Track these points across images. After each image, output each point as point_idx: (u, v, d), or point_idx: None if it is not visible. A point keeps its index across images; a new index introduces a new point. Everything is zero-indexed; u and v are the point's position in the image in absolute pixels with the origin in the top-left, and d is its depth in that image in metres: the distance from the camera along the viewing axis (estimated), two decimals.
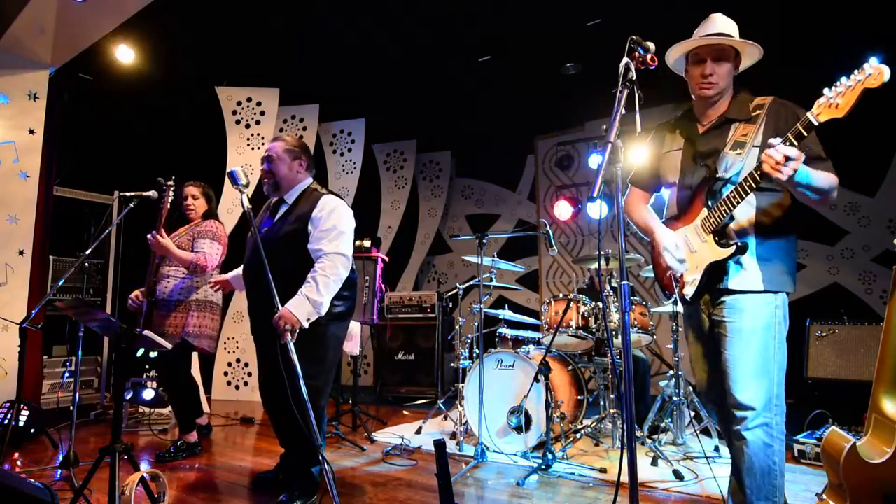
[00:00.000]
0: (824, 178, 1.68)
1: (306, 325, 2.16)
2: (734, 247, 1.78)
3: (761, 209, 1.82)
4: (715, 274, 1.85)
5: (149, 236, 3.05)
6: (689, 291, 1.92)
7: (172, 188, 3.07)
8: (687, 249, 1.93)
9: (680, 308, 2.02)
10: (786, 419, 1.82)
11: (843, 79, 1.49)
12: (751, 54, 1.91)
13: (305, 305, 2.17)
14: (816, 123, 1.54)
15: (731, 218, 1.81)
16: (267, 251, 2.09)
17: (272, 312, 2.12)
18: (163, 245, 3.04)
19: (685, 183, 1.95)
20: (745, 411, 1.77)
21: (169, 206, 3.07)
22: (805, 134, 1.56)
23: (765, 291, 1.80)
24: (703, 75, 1.86)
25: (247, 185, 2.22)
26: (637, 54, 1.62)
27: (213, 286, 2.94)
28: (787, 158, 1.54)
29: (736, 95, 1.90)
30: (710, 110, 1.93)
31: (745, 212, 1.82)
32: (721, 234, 1.82)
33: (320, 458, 1.82)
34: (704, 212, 1.86)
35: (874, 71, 1.43)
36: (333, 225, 2.32)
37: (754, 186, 1.69)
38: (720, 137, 1.87)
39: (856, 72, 1.47)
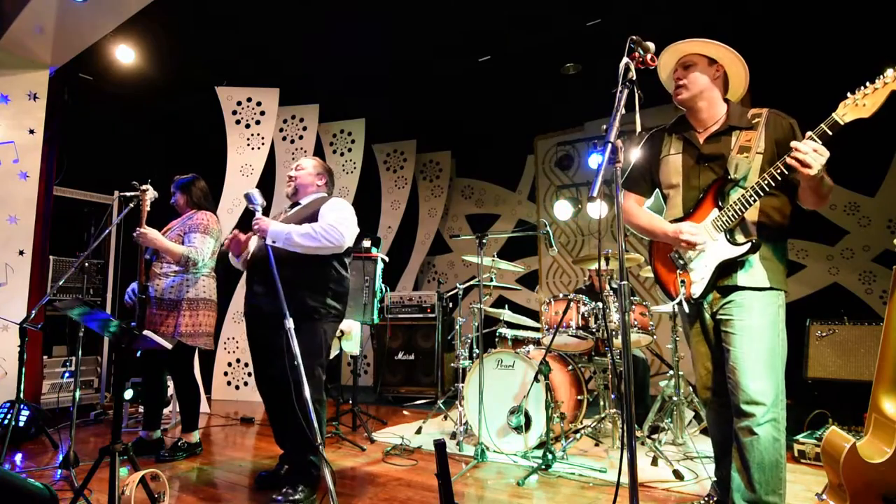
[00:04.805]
0: (828, 180, 1.77)
1: (269, 240, 2.33)
2: (748, 244, 1.86)
3: (764, 211, 1.91)
4: (724, 272, 1.92)
5: (134, 233, 2.99)
6: (696, 290, 1.99)
7: (147, 190, 3.02)
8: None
9: (686, 308, 2.07)
10: (786, 419, 1.84)
11: (868, 82, 1.59)
12: (729, 60, 1.98)
13: (282, 230, 2.37)
14: (842, 123, 1.63)
15: (743, 218, 1.89)
16: (277, 248, 2.30)
17: (274, 305, 2.17)
18: (151, 237, 2.99)
19: (692, 184, 2.03)
20: (757, 407, 1.82)
21: (149, 206, 3.03)
22: (830, 133, 1.64)
23: (770, 289, 1.87)
24: (675, 80, 2.03)
25: (262, 206, 2.39)
26: (637, 54, 1.63)
27: (230, 242, 2.71)
28: (817, 154, 1.63)
29: (731, 107, 2.01)
30: (703, 117, 2.03)
31: (750, 213, 1.90)
32: (733, 233, 1.91)
33: (321, 457, 1.83)
34: (715, 212, 1.93)
35: None
36: (339, 211, 2.53)
37: (773, 185, 1.77)
38: (724, 144, 1.96)
39: (882, 75, 1.58)
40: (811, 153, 1.63)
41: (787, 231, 1.95)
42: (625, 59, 1.60)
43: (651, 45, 1.69)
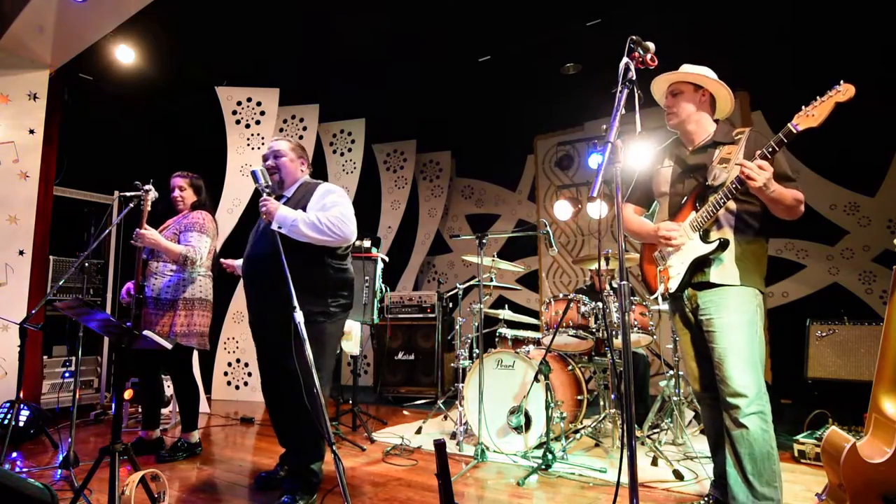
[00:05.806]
0: (789, 193, 1.93)
1: (274, 225, 2.21)
2: (717, 242, 2.03)
3: (739, 214, 2.07)
4: (697, 268, 2.10)
5: (134, 233, 2.96)
6: (672, 285, 2.17)
7: (150, 191, 2.98)
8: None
9: (663, 306, 2.20)
10: (786, 419, 1.87)
11: (818, 96, 1.80)
12: (713, 86, 2.17)
13: (289, 216, 2.23)
14: (796, 132, 1.82)
15: (716, 219, 2.06)
16: (268, 245, 2.16)
17: (275, 305, 2.15)
18: (150, 238, 2.97)
19: (676, 191, 2.22)
20: (741, 399, 1.93)
21: (150, 206, 3.01)
22: (785, 140, 1.83)
23: (742, 285, 2.01)
24: (665, 107, 2.26)
25: (268, 186, 2.30)
26: (637, 54, 1.65)
27: (227, 269, 2.90)
28: (761, 169, 1.83)
29: (719, 125, 2.20)
30: (692, 137, 2.23)
31: (727, 217, 2.08)
32: (707, 233, 2.08)
33: (334, 455, 1.79)
34: (693, 214, 2.11)
35: (843, 88, 1.77)
36: (333, 201, 2.38)
37: (734, 193, 1.95)
38: (707, 156, 2.16)
39: (829, 90, 1.79)
40: (755, 168, 1.82)
41: (763, 233, 2.09)
42: (625, 59, 1.62)
43: (651, 45, 1.70)
